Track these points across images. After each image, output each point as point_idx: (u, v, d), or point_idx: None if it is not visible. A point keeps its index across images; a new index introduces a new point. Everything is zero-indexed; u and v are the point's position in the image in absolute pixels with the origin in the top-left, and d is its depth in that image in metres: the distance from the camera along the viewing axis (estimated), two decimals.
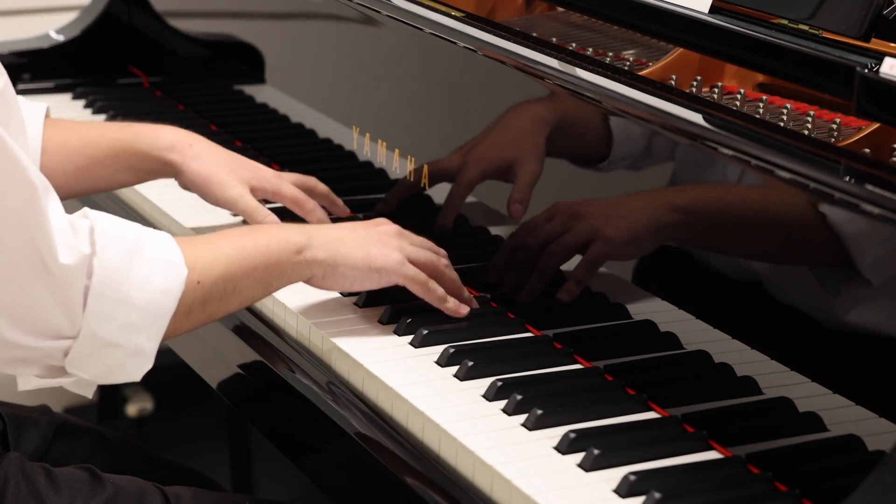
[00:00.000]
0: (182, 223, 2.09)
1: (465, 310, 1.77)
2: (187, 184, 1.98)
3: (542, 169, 1.84)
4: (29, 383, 1.57)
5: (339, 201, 2.05)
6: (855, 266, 1.48)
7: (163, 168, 1.98)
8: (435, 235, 1.86)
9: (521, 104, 1.88)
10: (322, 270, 1.71)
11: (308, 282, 1.73)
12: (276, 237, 1.68)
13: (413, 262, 1.75)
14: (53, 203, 1.49)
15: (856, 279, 1.48)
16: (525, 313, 1.80)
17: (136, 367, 1.56)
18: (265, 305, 1.87)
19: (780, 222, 1.57)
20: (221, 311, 1.65)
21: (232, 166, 1.97)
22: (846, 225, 1.48)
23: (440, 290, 1.76)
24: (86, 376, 1.55)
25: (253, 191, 1.97)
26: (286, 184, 2.00)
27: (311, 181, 2.04)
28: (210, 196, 1.97)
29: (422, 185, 2.02)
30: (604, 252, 1.75)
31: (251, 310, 1.88)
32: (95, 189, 2.03)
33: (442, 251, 1.81)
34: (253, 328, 1.84)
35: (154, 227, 1.92)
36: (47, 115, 2.00)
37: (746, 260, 1.62)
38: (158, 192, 2.16)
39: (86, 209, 1.57)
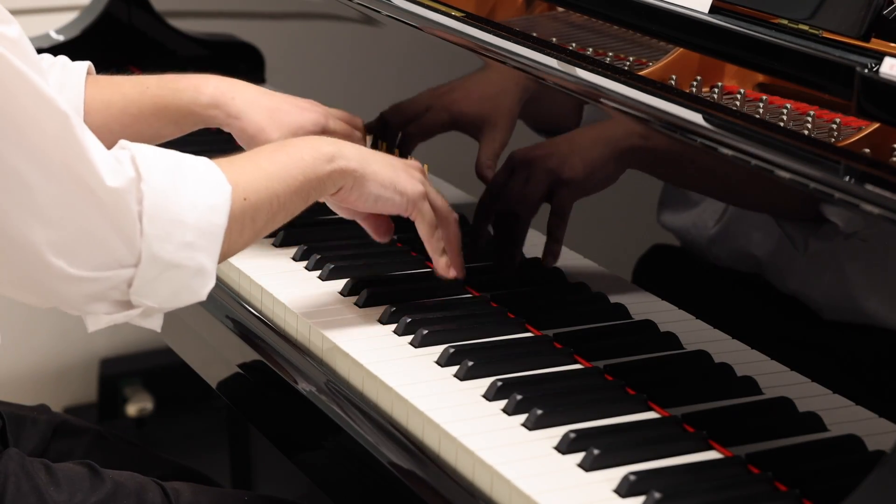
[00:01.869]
0: None
1: (453, 272, 1.80)
2: (235, 138, 1.96)
3: (508, 138, 1.86)
4: (98, 322, 1.57)
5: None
6: (814, 218, 1.48)
7: (206, 122, 1.97)
8: None
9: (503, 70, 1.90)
10: (352, 181, 1.72)
11: (336, 195, 1.73)
12: (308, 148, 1.70)
13: (430, 202, 1.78)
14: (88, 132, 1.50)
15: (821, 229, 1.49)
16: (525, 313, 1.80)
17: (200, 285, 1.57)
18: (265, 305, 1.87)
19: (740, 165, 1.57)
20: (270, 225, 1.66)
21: (278, 119, 1.94)
22: None
23: (441, 242, 1.79)
24: (152, 304, 1.55)
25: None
26: (333, 121, 1.98)
27: (358, 122, 2.03)
28: None
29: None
30: (568, 197, 1.77)
31: (251, 309, 1.88)
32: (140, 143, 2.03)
33: (453, 214, 1.83)
34: (252, 328, 1.84)
35: None
36: (89, 72, 1.99)
37: (746, 242, 1.61)
38: None
39: (122, 141, 1.58)
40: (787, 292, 1.56)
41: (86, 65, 1.99)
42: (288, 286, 1.87)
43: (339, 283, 1.88)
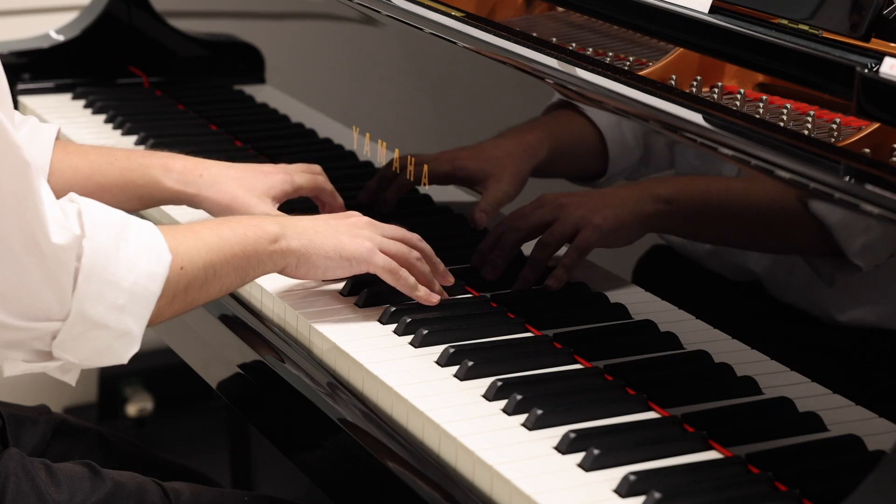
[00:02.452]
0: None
1: (435, 298, 1.80)
2: (208, 211, 1.99)
3: (515, 194, 1.86)
4: (15, 368, 1.57)
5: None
6: (843, 253, 1.48)
7: (175, 199, 2.00)
8: (435, 235, 1.86)
9: (519, 130, 1.89)
10: (296, 260, 1.75)
11: (282, 271, 1.76)
12: (252, 227, 1.72)
13: (384, 253, 1.78)
14: (45, 184, 1.51)
15: (847, 266, 1.49)
16: (525, 313, 1.80)
17: (123, 348, 1.57)
18: (265, 305, 1.87)
19: (765, 211, 1.58)
20: (202, 297, 1.67)
21: (248, 184, 1.97)
22: (830, 213, 1.48)
23: (411, 279, 1.79)
24: (73, 359, 1.55)
25: (274, 199, 1.98)
26: (298, 176, 2.01)
27: (316, 168, 2.05)
28: None
29: (422, 183, 2.02)
30: (592, 239, 1.77)
31: (251, 308, 1.88)
32: None
33: (415, 237, 1.83)
34: (252, 327, 1.84)
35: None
36: (58, 137, 2.01)
37: (743, 258, 1.61)
38: None
39: (72, 194, 1.59)
40: (787, 290, 1.56)
41: (55, 127, 2.01)
42: (287, 286, 1.86)
43: (339, 283, 1.88)
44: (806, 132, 1.68)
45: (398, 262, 1.79)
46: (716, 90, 1.82)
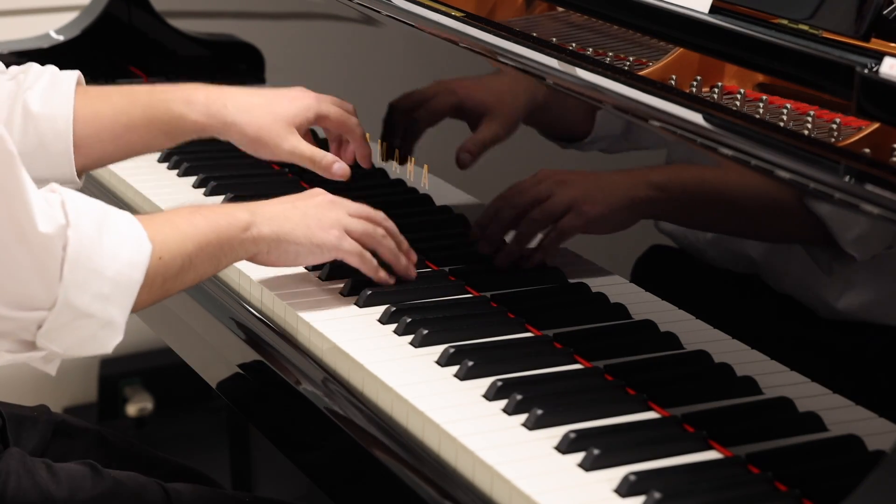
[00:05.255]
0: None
1: (392, 280, 1.84)
2: (235, 143, 1.98)
3: (504, 136, 1.88)
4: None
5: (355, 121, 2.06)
6: (836, 243, 1.48)
7: (201, 132, 1.97)
8: (435, 234, 1.86)
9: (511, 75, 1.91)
10: (266, 247, 1.76)
11: (254, 258, 1.77)
12: (224, 215, 1.73)
13: (351, 233, 1.81)
14: (26, 174, 1.51)
15: (843, 256, 1.49)
16: (525, 313, 1.80)
17: (107, 338, 1.58)
18: (265, 305, 1.87)
19: (759, 201, 1.58)
20: (178, 286, 1.67)
21: (274, 112, 1.96)
22: (823, 204, 1.49)
23: (374, 262, 1.83)
24: (57, 349, 1.56)
25: (299, 127, 1.97)
26: (325, 105, 2.01)
27: (349, 106, 2.05)
28: (263, 154, 1.98)
29: (422, 183, 2.02)
30: (575, 224, 1.79)
31: (251, 309, 1.88)
32: (132, 154, 2.02)
33: (380, 214, 1.86)
34: (252, 328, 1.84)
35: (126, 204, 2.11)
36: (78, 82, 1.98)
37: (741, 245, 1.61)
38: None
39: (52, 184, 1.59)
40: (787, 292, 1.56)
41: (75, 74, 1.99)
42: (287, 286, 1.87)
43: (340, 283, 1.88)
44: (806, 132, 1.68)
45: (365, 240, 1.82)
46: (716, 90, 1.82)
